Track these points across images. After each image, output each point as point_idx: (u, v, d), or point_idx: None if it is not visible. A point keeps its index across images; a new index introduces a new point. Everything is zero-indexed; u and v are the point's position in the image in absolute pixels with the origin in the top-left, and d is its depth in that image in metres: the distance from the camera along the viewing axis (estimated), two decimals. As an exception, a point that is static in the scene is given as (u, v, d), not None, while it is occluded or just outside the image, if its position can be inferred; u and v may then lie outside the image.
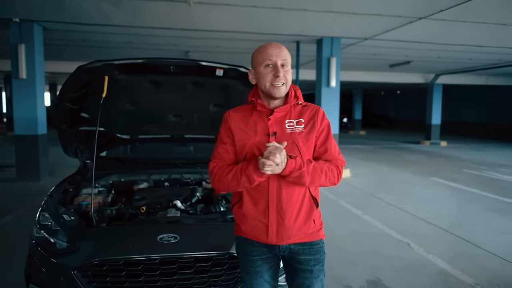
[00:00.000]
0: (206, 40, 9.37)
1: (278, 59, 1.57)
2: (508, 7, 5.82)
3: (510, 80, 16.54)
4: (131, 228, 2.23)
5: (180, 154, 3.68)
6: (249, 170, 1.50)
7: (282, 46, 1.61)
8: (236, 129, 1.64)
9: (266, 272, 1.70)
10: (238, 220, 1.70)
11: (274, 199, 1.58)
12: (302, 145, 1.59)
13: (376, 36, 8.23)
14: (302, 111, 1.65)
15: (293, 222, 1.59)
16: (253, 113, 1.66)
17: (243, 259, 1.73)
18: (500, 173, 9.07)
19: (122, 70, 2.47)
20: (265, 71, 1.58)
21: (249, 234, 1.66)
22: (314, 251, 1.66)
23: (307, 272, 1.65)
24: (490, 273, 3.52)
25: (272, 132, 1.59)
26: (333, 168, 1.61)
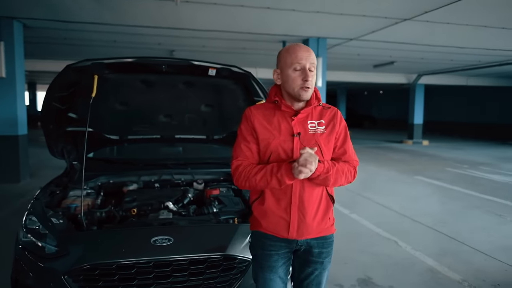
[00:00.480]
0: (192, 39, 9.29)
1: (307, 63, 1.60)
2: (489, 10, 5.97)
3: (489, 81, 16.99)
4: (123, 231, 2.18)
5: (169, 155, 3.63)
6: (281, 174, 1.54)
7: (310, 49, 1.65)
8: (260, 127, 1.66)
9: (281, 268, 1.74)
10: (259, 216, 1.72)
11: (297, 197, 1.64)
12: (323, 146, 1.65)
13: (361, 37, 8.32)
14: (322, 113, 1.71)
15: (312, 218, 1.66)
16: (276, 112, 1.68)
17: (260, 253, 1.75)
18: (482, 172, 9.31)
19: (112, 69, 2.42)
20: (294, 74, 1.61)
21: (270, 229, 1.70)
22: (327, 245, 1.75)
23: (318, 264, 1.74)
24: (475, 269, 3.60)
25: (296, 132, 1.63)
26: (351, 169, 1.71)
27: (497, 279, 3.39)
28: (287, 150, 1.61)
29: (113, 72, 2.44)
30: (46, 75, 19.84)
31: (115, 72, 2.45)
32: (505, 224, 5.07)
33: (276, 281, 1.73)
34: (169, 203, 2.61)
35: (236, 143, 1.71)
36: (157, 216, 2.46)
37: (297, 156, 1.57)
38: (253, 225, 1.78)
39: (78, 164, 3.09)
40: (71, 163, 3.08)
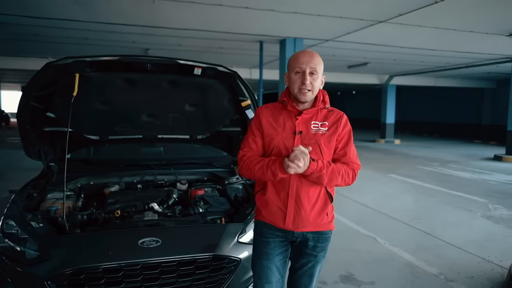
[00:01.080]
0: (168, 37, 9.17)
1: (307, 67, 1.71)
2: (458, 14, 6.23)
3: (456, 82, 17.72)
4: (109, 233, 2.13)
5: (150, 155, 3.57)
6: (275, 167, 1.66)
7: (315, 54, 1.75)
8: (266, 124, 1.81)
9: (277, 257, 1.84)
10: (260, 205, 1.86)
11: (294, 190, 1.75)
12: (323, 145, 1.75)
13: (337, 38, 8.48)
14: (327, 115, 1.81)
15: (308, 213, 1.76)
16: (283, 111, 1.83)
17: (258, 241, 1.88)
18: (451, 169, 9.69)
19: (94, 68, 2.35)
20: (295, 77, 1.74)
21: (268, 218, 1.83)
22: (323, 240, 1.84)
23: (311, 256, 1.84)
24: (450, 262, 3.75)
25: (298, 131, 1.76)
26: (349, 171, 1.78)
27: (471, 271, 3.55)
28: (288, 146, 1.74)
29: (95, 70, 2.36)
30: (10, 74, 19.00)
31: (98, 71, 2.38)
32: (475, 219, 5.30)
33: (272, 269, 1.83)
34: (154, 204, 2.56)
35: (245, 135, 1.89)
36: (142, 217, 2.41)
37: None
38: (256, 215, 1.93)
39: (55, 165, 2.98)
40: (48, 164, 2.96)
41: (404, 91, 22.43)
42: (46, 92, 2.43)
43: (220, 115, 2.99)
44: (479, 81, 17.74)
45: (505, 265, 3.68)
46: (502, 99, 17.60)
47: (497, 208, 5.90)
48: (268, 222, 1.84)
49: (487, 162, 11.07)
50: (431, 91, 20.48)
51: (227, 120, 3.04)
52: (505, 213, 5.60)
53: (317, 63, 1.73)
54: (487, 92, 18.53)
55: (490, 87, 18.09)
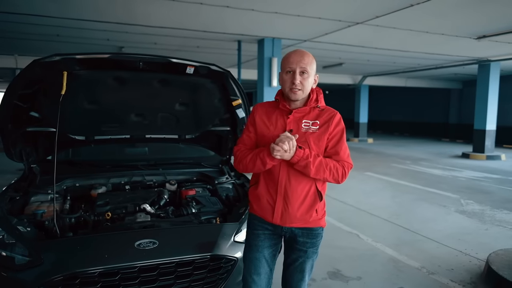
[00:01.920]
0: (143, 35, 8.98)
1: (297, 67, 1.74)
2: (431, 17, 6.46)
3: (425, 82, 18.36)
4: (104, 236, 2.07)
5: (135, 156, 3.49)
6: (263, 154, 1.72)
7: (306, 53, 1.78)
8: (260, 121, 1.87)
9: (266, 249, 1.89)
10: (252, 199, 1.93)
11: (282, 186, 1.79)
12: (313, 144, 1.77)
13: (315, 38, 8.59)
14: (319, 114, 1.83)
15: (296, 209, 1.79)
16: (276, 110, 1.87)
17: (249, 233, 1.95)
18: (423, 166, 10.05)
19: (84, 66, 2.27)
20: (286, 77, 1.79)
21: (259, 212, 1.89)
22: (312, 236, 1.87)
23: (301, 252, 1.87)
24: (430, 256, 3.89)
25: (289, 129, 1.79)
26: (338, 167, 1.78)
27: (450, 264, 3.70)
28: None
29: (84, 68, 2.29)
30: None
31: (87, 69, 2.30)
32: (450, 214, 5.52)
33: (261, 261, 1.88)
34: (145, 205, 2.51)
35: (242, 133, 1.96)
36: (135, 219, 2.36)
37: None
38: (249, 208, 1.99)
39: (37, 167, 2.86)
40: (30, 166, 2.84)
41: (375, 91, 23.04)
42: (31, 91, 2.33)
43: (210, 114, 2.97)
44: (446, 82, 18.48)
45: (481, 257, 3.86)
46: (467, 99, 18.44)
47: (469, 203, 6.18)
48: (259, 216, 1.89)
49: (455, 160, 11.56)
50: (402, 91, 21.13)
51: (217, 120, 3.02)
52: (476, 208, 5.87)
53: (308, 63, 1.75)
54: (454, 93, 19.34)
55: (456, 87, 18.88)
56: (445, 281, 3.33)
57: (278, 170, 1.79)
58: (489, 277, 3.25)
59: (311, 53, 1.81)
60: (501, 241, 4.35)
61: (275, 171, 1.80)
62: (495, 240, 4.39)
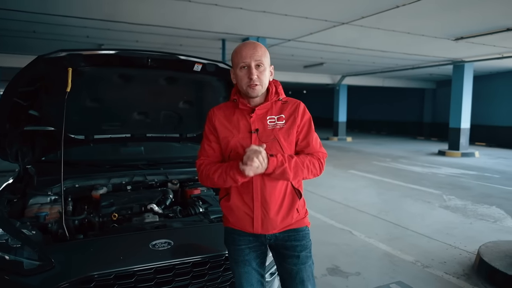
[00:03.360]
0: (125, 33, 8.78)
1: (252, 61, 1.60)
2: (414, 18, 6.64)
3: (402, 82, 18.88)
4: (117, 237, 2.01)
5: (131, 155, 3.41)
6: (233, 172, 1.57)
7: (258, 45, 1.64)
8: (220, 126, 1.71)
9: (254, 261, 1.76)
10: (226, 212, 1.77)
11: (258, 193, 1.65)
12: (283, 140, 1.65)
13: (299, 38, 8.66)
14: (283, 107, 1.70)
15: (276, 213, 1.66)
16: (236, 111, 1.71)
17: (232, 249, 1.79)
18: (403, 164, 10.34)
19: (89, 62, 2.19)
20: (241, 73, 1.63)
21: (237, 225, 1.74)
22: (300, 237, 1.73)
23: (294, 258, 1.71)
24: (423, 250, 4.01)
25: (254, 129, 1.65)
26: (314, 161, 1.67)
27: (443, 257, 3.82)
28: (245, 147, 1.61)
29: (90, 65, 2.21)
30: None
31: (93, 65, 2.23)
32: (434, 210, 5.71)
33: (251, 273, 1.76)
34: (153, 206, 2.46)
35: (201, 142, 1.79)
36: (143, 219, 2.31)
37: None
38: (224, 221, 1.84)
39: (32, 167, 2.75)
40: (25, 166, 2.73)
41: (353, 91, 23.51)
42: (32, 88, 2.24)
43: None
44: (421, 82, 19.06)
45: (470, 249, 4.01)
46: (441, 99, 19.10)
47: (451, 198, 6.40)
48: (237, 228, 1.74)
49: (432, 157, 11.95)
50: (379, 91, 21.63)
51: (220, 118, 2.99)
52: (458, 203, 6.10)
53: (262, 55, 1.61)
54: (428, 92, 19.97)
55: (430, 87, 19.51)
56: (440, 273, 3.44)
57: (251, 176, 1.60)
58: (481, 268, 3.39)
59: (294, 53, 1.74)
60: (486, 234, 4.53)
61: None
62: (480, 234, 4.57)
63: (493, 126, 15.31)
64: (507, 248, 3.57)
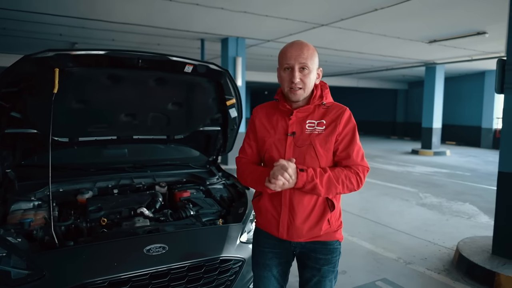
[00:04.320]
0: (101, 31, 8.56)
1: (296, 63, 1.52)
2: (391, 21, 6.82)
3: (375, 83, 19.34)
4: (109, 243, 1.95)
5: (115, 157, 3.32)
6: (261, 185, 1.56)
7: (305, 46, 1.55)
8: (260, 125, 1.70)
9: (275, 268, 1.72)
10: (256, 212, 1.76)
11: (287, 198, 1.60)
12: (319, 146, 1.56)
13: (279, 39, 8.70)
14: (326, 112, 1.61)
15: (302, 222, 1.59)
16: (277, 111, 1.68)
17: (256, 250, 1.78)
18: (378, 163, 10.59)
19: (78, 63, 2.13)
20: (284, 74, 1.57)
21: (264, 226, 1.72)
22: (326, 251, 1.64)
23: (315, 270, 1.65)
24: (404, 247, 4.13)
25: (291, 132, 1.60)
26: (351, 175, 1.55)
27: (423, 253, 3.95)
28: (280, 149, 1.60)
29: (78, 65, 2.14)
30: None
31: (81, 66, 2.16)
32: (412, 207, 5.89)
33: (270, 280, 1.72)
34: (143, 209, 2.41)
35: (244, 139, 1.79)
36: (133, 224, 2.26)
37: (288, 157, 1.56)
38: (256, 221, 1.82)
39: (11, 172, 2.64)
40: (5, 171, 2.61)
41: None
42: (15, 89, 2.14)
43: (202, 114, 2.91)
44: (394, 83, 19.60)
45: (448, 245, 4.16)
46: (412, 99, 19.70)
47: (427, 196, 6.62)
48: (264, 230, 1.72)
49: (407, 156, 12.31)
50: (353, 91, 22.06)
51: (208, 119, 2.97)
52: (434, 200, 6.31)
53: (308, 57, 1.53)
54: (400, 93, 20.56)
55: (403, 88, 20.09)
56: (422, 269, 3.55)
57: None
58: (461, 263, 3.52)
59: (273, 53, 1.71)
60: (462, 230, 4.72)
61: None
62: (457, 230, 4.75)
63: (462, 126, 15.94)
64: (483, 244, 3.73)
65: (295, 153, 1.58)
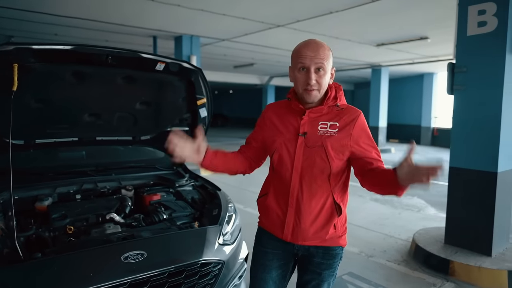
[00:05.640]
0: (43, 25, 7.96)
1: (312, 63, 1.48)
2: (343, 24, 7.09)
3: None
4: (83, 253, 1.81)
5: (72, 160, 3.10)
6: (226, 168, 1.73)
7: (321, 46, 1.51)
8: (270, 124, 1.67)
9: (275, 270, 1.69)
10: (261, 211, 1.74)
11: (294, 199, 1.57)
12: (330, 149, 1.52)
13: (234, 38, 8.68)
14: (339, 114, 1.57)
15: (309, 225, 1.56)
16: (288, 110, 1.65)
17: (257, 250, 1.75)
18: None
19: (40, 58, 1.95)
20: (299, 75, 1.52)
21: (268, 226, 1.70)
22: (329, 256, 1.63)
23: (315, 274, 1.64)
24: (364, 241, 4.31)
25: (303, 132, 1.57)
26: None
27: (382, 246, 4.15)
28: (290, 149, 1.57)
29: (40, 61, 1.96)
30: None
31: (43, 62, 1.98)
32: (366, 203, 6.17)
33: (267, 283, 1.69)
34: (113, 215, 2.27)
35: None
36: (103, 231, 2.12)
37: (298, 157, 1.54)
38: (259, 221, 1.80)
39: None
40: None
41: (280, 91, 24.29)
42: (-35, 86, 1.92)
43: (172, 114, 2.80)
44: (341, 84, 20.37)
45: (403, 237, 4.42)
46: (359, 99, 20.67)
47: (379, 191, 6.96)
48: (268, 230, 1.69)
49: (355, 154, 12.86)
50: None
51: (177, 119, 2.87)
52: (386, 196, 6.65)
53: (325, 57, 1.49)
54: (347, 94, 21.45)
55: (349, 89, 21.01)
56: (383, 262, 3.73)
57: (290, 179, 1.56)
58: (417, 253, 3.75)
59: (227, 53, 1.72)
60: (414, 223, 5.03)
61: (286, 180, 1.57)
62: (409, 222, 5.06)
63: (404, 125, 17.02)
64: (436, 234, 4.01)
65: (305, 153, 1.55)
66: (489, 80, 3.35)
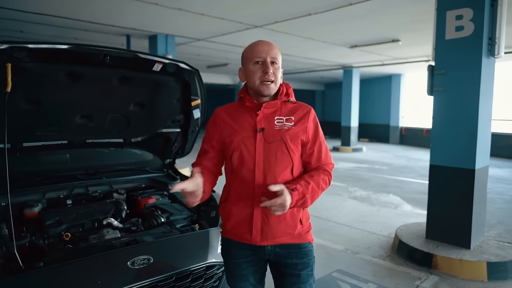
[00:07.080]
0: (8, 21, 7.56)
1: (268, 56, 1.55)
2: (319, 26, 7.20)
3: (295, 84, 20.18)
4: (87, 260, 1.74)
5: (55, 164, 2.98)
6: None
7: (272, 43, 1.61)
8: (224, 125, 1.64)
9: (252, 276, 1.67)
10: (224, 218, 1.66)
11: (260, 197, 1.51)
12: (290, 142, 1.56)
13: (210, 38, 8.62)
14: (293, 109, 1.63)
15: (277, 221, 1.55)
16: (241, 109, 1.64)
17: (229, 262, 1.70)
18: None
19: (35, 57, 1.86)
20: (254, 68, 1.56)
21: (234, 233, 1.62)
22: (302, 255, 1.61)
23: (294, 277, 1.60)
24: (348, 238, 4.41)
25: (260, 128, 1.57)
26: (325, 177, 1.60)
27: (366, 243, 4.27)
28: (249, 147, 1.56)
29: (35, 60, 1.87)
30: None
31: (38, 61, 1.89)
32: (346, 201, 6.32)
33: None
34: (110, 220, 2.20)
35: (202, 141, 1.74)
36: (102, 236, 2.05)
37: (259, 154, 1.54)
38: (222, 230, 1.72)
39: None
40: None
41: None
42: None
43: (165, 115, 2.74)
44: (312, 84, 20.76)
45: (385, 234, 4.56)
46: (329, 100, 21.11)
47: (356, 190, 7.16)
48: (235, 239, 1.63)
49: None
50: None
51: (169, 121, 2.82)
52: (363, 193, 6.85)
53: (277, 53, 1.59)
54: (318, 94, 21.87)
55: (320, 89, 21.40)
56: (368, 258, 3.84)
57: (253, 178, 1.53)
58: (401, 248, 3.89)
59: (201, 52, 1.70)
60: (392, 219, 5.21)
61: (248, 180, 1.54)
62: (388, 219, 5.23)
63: (374, 124, 17.54)
64: (417, 229, 4.17)
65: (266, 149, 1.55)
66: (466, 82, 3.53)
